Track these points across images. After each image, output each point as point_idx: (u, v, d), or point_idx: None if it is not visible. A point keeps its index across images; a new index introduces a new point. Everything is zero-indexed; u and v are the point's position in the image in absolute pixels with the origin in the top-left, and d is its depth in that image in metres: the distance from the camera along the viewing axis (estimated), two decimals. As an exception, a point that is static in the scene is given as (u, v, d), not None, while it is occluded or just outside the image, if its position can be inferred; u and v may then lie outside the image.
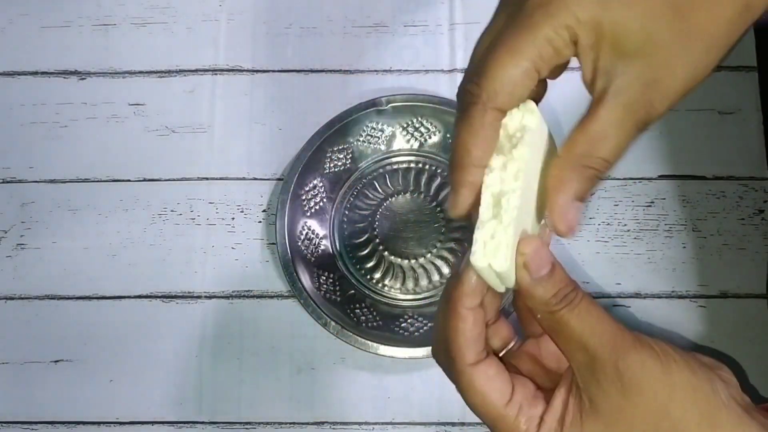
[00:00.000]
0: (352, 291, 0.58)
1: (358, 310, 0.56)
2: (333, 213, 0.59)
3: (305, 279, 0.55)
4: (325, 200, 0.59)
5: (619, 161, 0.30)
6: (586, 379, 0.30)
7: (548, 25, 0.28)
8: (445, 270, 0.58)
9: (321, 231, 0.58)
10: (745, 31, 0.29)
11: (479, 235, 0.30)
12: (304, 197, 0.57)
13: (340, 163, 0.59)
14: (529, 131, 0.29)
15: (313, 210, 0.58)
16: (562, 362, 0.34)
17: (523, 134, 0.29)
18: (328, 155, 0.58)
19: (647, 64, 0.28)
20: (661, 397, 0.29)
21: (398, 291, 0.58)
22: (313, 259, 0.57)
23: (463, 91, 0.30)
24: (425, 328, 0.56)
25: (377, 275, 0.58)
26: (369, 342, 0.53)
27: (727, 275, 0.57)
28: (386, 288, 0.58)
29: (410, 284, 0.58)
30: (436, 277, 0.58)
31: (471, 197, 0.30)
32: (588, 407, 0.30)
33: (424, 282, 0.58)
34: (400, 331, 0.56)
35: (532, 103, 0.30)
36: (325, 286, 0.57)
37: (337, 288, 0.57)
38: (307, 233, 0.58)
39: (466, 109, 0.30)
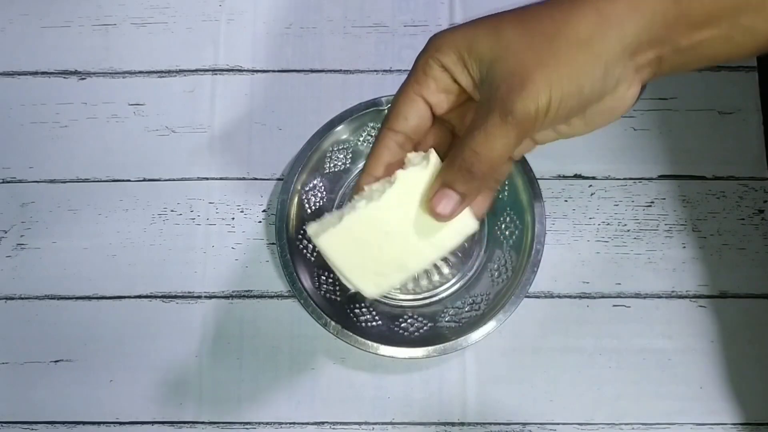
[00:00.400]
0: (352, 290, 0.57)
1: (357, 310, 0.56)
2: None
3: (305, 279, 0.55)
4: (325, 200, 0.59)
5: (498, 160, 0.34)
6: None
7: (418, 64, 0.36)
8: (445, 270, 0.58)
9: (321, 231, 0.58)
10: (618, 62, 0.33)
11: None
12: (304, 197, 0.57)
13: (340, 163, 0.59)
14: (403, 178, 0.37)
15: (313, 210, 0.58)
16: None
17: (395, 180, 0.38)
18: (328, 155, 0.58)
19: (503, 63, 0.33)
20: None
21: (398, 291, 0.58)
22: (313, 259, 0.57)
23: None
24: (425, 328, 0.56)
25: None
26: (369, 342, 0.53)
27: (727, 275, 0.57)
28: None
29: (410, 284, 0.58)
30: (436, 277, 0.58)
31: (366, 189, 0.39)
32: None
33: (424, 282, 0.58)
34: (400, 331, 0.56)
35: (432, 153, 0.38)
36: (325, 286, 0.57)
37: (337, 288, 0.57)
38: (307, 233, 0.57)
39: (378, 131, 0.39)
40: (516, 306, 0.53)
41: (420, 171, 0.37)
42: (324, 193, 0.59)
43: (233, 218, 0.60)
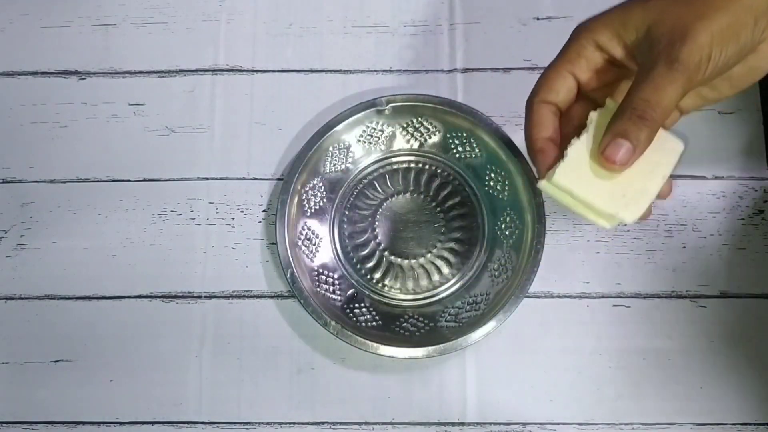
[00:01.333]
0: (352, 291, 0.58)
1: (357, 310, 0.56)
2: (333, 213, 0.59)
3: (305, 279, 0.55)
4: (325, 200, 0.59)
5: (668, 107, 0.35)
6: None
7: (571, 45, 0.39)
8: (446, 270, 0.58)
9: (321, 231, 0.58)
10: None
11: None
12: (304, 197, 0.57)
13: (340, 163, 0.59)
14: (596, 118, 0.39)
15: (313, 210, 0.58)
16: None
17: (591, 121, 0.39)
18: (328, 155, 0.58)
19: (660, 25, 0.35)
20: None
21: (398, 291, 0.58)
22: (313, 259, 0.57)
23: (526, 103, 0.41)
24: (425, 328, 0.56)
25: (377, 275, 0.58)
26: (369, 342, 0.53)
27: (727, 275, 0.57)
28: (386, 288, 0.58)
29: (410, 284, 0.58)
30: (436, 277, 0.58)
31: (546, 161, 0.40)
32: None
33: (424, 282, 0.58)
34: (401, 331, 0.56)
35: (609, 100, 0.40)
36: (325, 286, 0.57)
37: (337, 288, 0.57)
38: (307, 233, 0.58)
39: (525, 114, 0.41)
40: (516, 306, 0.53)
41: (604, 112, 0.39)
42: (324, 193, 0.59)
43: (233, 218, 0.60)
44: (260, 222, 0.60)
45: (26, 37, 0.63)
